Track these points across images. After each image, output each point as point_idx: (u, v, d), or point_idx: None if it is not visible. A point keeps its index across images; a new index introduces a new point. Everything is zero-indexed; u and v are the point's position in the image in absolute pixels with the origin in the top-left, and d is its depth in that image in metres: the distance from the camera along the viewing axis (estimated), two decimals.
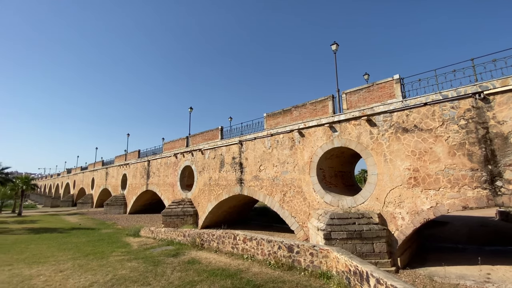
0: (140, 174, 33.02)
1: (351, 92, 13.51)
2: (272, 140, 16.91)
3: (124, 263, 10.65)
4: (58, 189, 67.48)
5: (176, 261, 10.66)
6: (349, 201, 12.60)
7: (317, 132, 14.42)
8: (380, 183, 11.74)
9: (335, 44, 15.71)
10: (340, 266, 7.85)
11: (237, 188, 18.76)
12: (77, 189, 55.49)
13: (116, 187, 38.97)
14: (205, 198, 21.60)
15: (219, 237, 12.39)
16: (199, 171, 22.93)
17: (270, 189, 16.51)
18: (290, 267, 9.04)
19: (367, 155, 12.32)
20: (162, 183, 28.26)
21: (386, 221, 11.26)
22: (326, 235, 10.57)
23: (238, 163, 19.06)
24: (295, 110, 16.11)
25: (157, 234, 16.73)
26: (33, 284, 8.33)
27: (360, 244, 10.50)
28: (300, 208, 14.63)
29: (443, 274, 9.78)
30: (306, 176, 14.57)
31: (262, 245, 10.36)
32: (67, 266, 10.44)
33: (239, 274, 8.69)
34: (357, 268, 6.97)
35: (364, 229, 10.64)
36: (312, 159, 14.40)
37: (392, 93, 12.06)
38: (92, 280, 8.60)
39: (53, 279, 8.85)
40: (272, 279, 8.12)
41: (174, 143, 27.79)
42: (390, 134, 11.70)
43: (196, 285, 7.95)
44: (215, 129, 22.40)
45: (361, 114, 12.58)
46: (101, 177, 44.80)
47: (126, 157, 37.95)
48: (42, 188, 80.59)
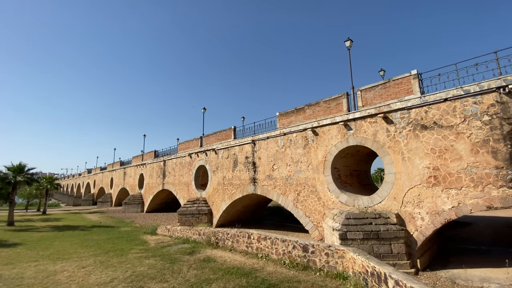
0: (156, 173, 33.83)
1: (367, 89, 13.19)
2: (285, 139, 16.82)
3: (142, 260, 10.96)
4: (80, 189, 70.39)
5: (192, 259, 10.84)
6: (365, 200, 12.32)
7: (331, 131, 14.20)
8: (397, 182, 11.41)
9: (349, 41, 15.40)
10: (356, 267, 7.70)
11: (251, 187, 18.82)
12: (97, 189, 57.67)
13: (133, 187, 40.16)
14: (219, 197, 21.83)
15: (234, 236, 12.48)
16: (213, 170, 23.19)
17: (283, 189, 16.44)
18: (305, 267, 8.97)
19: (384, 154, 12.00)
20: (177, 183, 28.83)
21: (405, 221, 10.92)
22: (342, 235, 10.39)
23: (251, 163, 19.11)
24: (308, 109, 15.94)
25: (173, 232, 17.09)
26: (58, 280, 8.74)
27: (377, 245, 10.25)
28: (314, 207, 14.47)
29: (465, 276, 9.37)
30: (320, 175, 14.39)
31: (277, 244, 10.34)
32: (89, 262, 10.88)
33: (254, 273, 8.72)
34: (375, 269, 6.81)
35: (381, 230, 10.37)
36: (326, 158, 14.20)
37: (409, 89, 11.67)
38: (112, 276, 8.91)
39: (76, 274, 9.24)
40: (287, 279, 8.09)
41: (189, 143, 28.26)
42: (408, 132, 11.34)
43: (212, 283, 8.05)
44: (228, 129, 22.57)
45: (377, 112, 12.27)
46: (119, 177, 46.31)
47: (142, 158, 39.00)
48: (64, 188, 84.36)
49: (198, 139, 26.63)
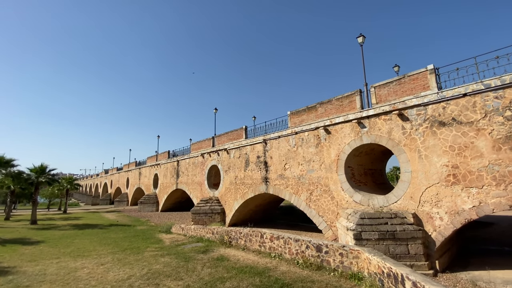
0: (170, 173, 34.49)
1: (380, 85, 12.88)
2: (296, 138, 16.71)
3: (158, 258, 11.22)
4: (98, 188, 72.82)
5: (205, 258, 10.99)
6: (380, 200, 12.05)
7: (344, 129, 13.97)
8: (414, 181, 11.08)
9: (361, 36, 15.09)
10: (372, 268, 7.55)
11: (263, 186, 18.83)
12: (113, 188, 59.47)
13: (148, 186, 41.12)
14: (231, 196, 21.98)
15: (246, 235, 12.54)
16: (225, 170, 23.38)
17: (295, 188, 16.34)
18: (319, 267, 8.88)
19: (400, 152, 11.68)
20: (190, 182, 29.27)
21: (422, 221, 10.60)
22: (356, 235, 10.21)
23: (263, 162, 19.11)
24: (320, 107, 15.75)
25: (187, 231, 17.38)
26: (78, 276, 9.09)
27: (393, 245, 10.00)
28: (327, 207, 14.30)
29: (487, 278, 8.98)
30: (333, 174, 14.20)
31: (290, 244, 10.30)
32: (107, 259, 11.25)
33: (267, 272, 8.73)
34: (391, 270, 6.65)
35: (397, 230, 10.11)
36: (340, 157, 13.99)
37: (426, 85, 11.29)
38: (129, 273, 9.18)
39: (95, 271, 9.58)
40: (301, 279, 8.04)
41: (201, 144, 28.62)
42: (425, 129, 10.98)
43: (226, 281, 8.13)
44: (239, 129, 22.67)
45: (392, 108, 11.96)
46: (134, 177, 47.55)
47: (157, 158, 39.86)
48: (83, 188, 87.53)
49: (210, 139, 26.92)
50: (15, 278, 8.91)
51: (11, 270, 9.83)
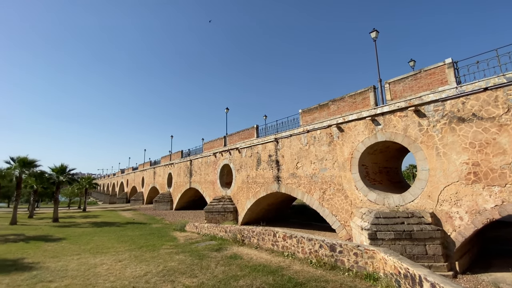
0: (184, 172, 35.07)
1: (395, 81, 12.53)
2: (308, 137, 16.55)
3: (173, 255, 11.46)
4: (114, 188, 75.15)
5: (219, 256, 11.12)
6: (396, 199, 11.75)
7: (358, 126, 13.71)
8: (432, 179, 10.72)
9: (375, 31, 14.72)
10: (388, 268, 7.39)
11: (274, 185, 18.79)
12: (129, 188, 61.18)
13: (163, 185, 42.00)
14: (243, 195, 22.09)
15: (259, 234, 12.57)
16: (237, 169, 23.51)
17: (308, 187, 16.20)
18: (332, 267, 8.79)
19: (416, 149, 11.33)
20: (203, 181, 29.65)
21: (441, 221, 10.25)
22: (371, 235, 10.01)
23: (275, 161, 19.07)
24: (332, 104, 15.52)
25: (200, 229, 17.63)
26: (98, 272, 9.43)
27: (410, 246, 9.73)
28: (341, 206, 14.10)
29: (510, 280, 8.58)
30: (347, 173, 13.97)
31: (303, 243, 10.25)
32: (125, 256, 11.60)
33: (280, 271, 8.73)
34: (408, 271, 6.48)
35: (414, 229, 9.83)
36: (353, 155, 13.74)
37: (443, 80, 10.88)
38: (146, 270, 9.43)
39: (114, 267, 9.91)
40: (314, 278, 7.99)
41: (213, 143, 28.91)
42: (443, 125, 10.59)
43: (239, 279, 8.19)
44: (250, 128, 22.72)
45: (408, 105, 11.60)
46: (149, 176, 48.70)
47: (170, 157, 40.63)
48: (101, 187, 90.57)
49: (222, 138, 27.14)
50: (39, 273, 9.35)
51: (35, 266, 10.33)
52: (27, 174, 26.66)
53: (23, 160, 25.56)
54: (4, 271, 9.54)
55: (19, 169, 25.52)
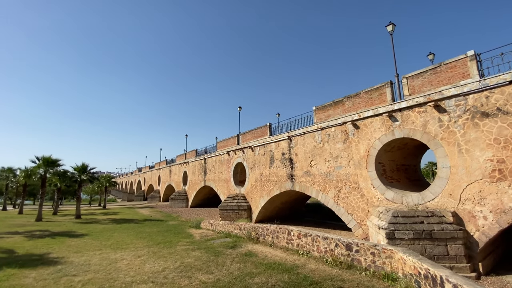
0: (198, 171, 35.63)
1: (413, 75, 12.11)
2: (323, 134, 16.34)
3: (189, 252, 11.70)
4: (132, 186, 77.55)
5: (234, 253, 11.23)
6: (415, 197, 11.40)
7: (374, 123, 13.38)
8: (453, 177, 10.31)
9: (391, 25, 14.27)
10: (407, 268, 7.20)
11: (288, 184, 18.72)
12: (146, 186, 62.92)
13: (178, 183, 42.89)
14: (257, 193, 22.16)
15: (274, 232, 12.58)
16: (250, 167, 23.60)
17: (323, 185, 16.02)
18: (349, 266, 8.66)
19: (436, 146, 10.92)
20: (217, 179, 30.00)
21: (463, 220, 9.85)
22: (389, 234, 9.78)
23: (288, 159, 18.98)
24: (347, 101, 15.22)
25: (215, 226, 17.87)
26: (118, 267, 9.79)
27: (430, 246, 9.43)
28: (357, 205, 13.84)
29: None
30: (363, 171, 13.69)
31: (318, 241, 10.16)
32: (143, 252, 11.98)
33: (295, 269, 8.71)
34: (429, 272, 6.28)
35: (435, 229, 9.51)
36: (370, 153, 13.43)
37: (465, 73, 10.40)
38: (164, 266, 9.69)
39: (133, 263, 10.25)
40: (331, 277, 7.91)
41: (226, 142, 29.15)
42: (465, 121, 10.14)
43: (255, 277, 8.25)
44: (263, 126, 22.71)
45: (427, 100, 11.19)
46: (165, 175, 49.85)
47: (185, 156, 41.38)
48: (120, 185, 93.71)
49: (235, 137, 27.31)
50: (64, 267, 9.82)
51: (60, 260, 10.86)
52: (51, 173, 28.02)
53: (47, 159, 26.86)
54: (31, 265, 10.10)
55: (43, 168, 26.87)
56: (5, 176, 40.06)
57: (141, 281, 8.14)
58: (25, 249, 12.96)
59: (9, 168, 39.83)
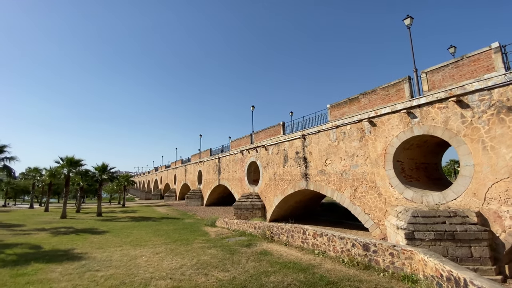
0: (213, 170, 36.08)
1: (433, 70, 11.64)
2: (337, 132, 16.06)
3: (205, 250, 11.89)
4: (149, 184, 79.72)
5: (249, 251, 11.31)
6: (436, 197, 10.98)
7: (392, 120, 13.00)
8: (477, 176, 9.83)
9: (409, 18, 13.78)
10: (428, 270, 6.96)
11: (302, 183, 18.57)
12: (163, 184, 64.47)
13: (193, 182, 43.64)
14: (271, 192, 22.14)
15: (288, 231, 12.54)
16: (263, 166, 23.61)
17: (338, 184, 15.77)
18: (366, 267, 8.49)
19: (459, 143, 10.46)
20: (231, 178, 30.25)
21: (488, 221, 9.39)
22: (408, 234, 9.49)
23: (302, 158, 18.82)
24: (363, 98, 14.88)
25: (230, 225, 18.05)
26: (138, 263, 10.12)
27: (453, 247, 9.06)
28: (374, 204, 13.53)
29: None
30: (380, 169, 13.35)
31: (334, 241, 10.03)
32: (161, 249, 12.30)
33: (311, 269, 8.65)
34: (451, 274, 6.05)
35: (457, 230, 9.13)
36: (387, 151, 13.07)
37: (490, 66, 9.88)
38: (181, 263, 9.92)
39: (152, 259, 10.56)
40: (347, 277, 7.79)
41: (240, 141, 29.31)
42: (490, 116, 9.64)
43: (270, 275, 8.27)
44: (276, 125, 22.63)
45: (448, 95, 10.73)
46: (181, 174, 50.87)
47: (200, 156, 42.02)
48: (137, 184, 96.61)
49: (248, 136, 27.41)
50: (87, 263, 10.27)
51: (83, 256, 11.36)
52: (74, 172, 29.32)
53: (70, 159, 28.13)
54: (57, 261, 10.63)
55: (67, 168, 28.16)
56: (31, 176, 42.39)
57: (159, 277, 8.37)
58: (51, 245, 13.66)
59: (36, 168, 42.10)
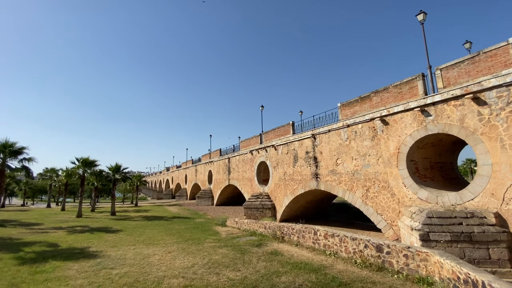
0: (222, 170, 36.32)
1: (448, 66, 11.31)
2: (349, 131, 15.84)
3: (216, 249, 11.99)
4: (161, 184, 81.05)
5: (260, 251, 11.31)
6: (452, 197, 10.66)
7: (405, 118, 12.71)
8: (496, 175, 9.48)
9: (422, 13, 13.43)
10: (444, 272, 6.77)
11: (313, 183, 18.41)
12: (174, 184, 65.41)
13: (204, 182, 44.05)
14: (281, 192, 22.08)
15: (299, 231, 12.47)
16: (273, 166, 23.56)
17: (350, 184, 15.55)
18: (379, 268, 8.34)
19: (476, 142, 10.11)
20: (241, 178, 30.35)
21: (507, 222, 9.04)
22: (423, 236, 9.26)
23: (312, 158, 18.66)
24: (375, 96, 14.61)
25: (240, 225, 18.12)
26: (151, 262, 10.31)
27: (470, 249, 8.79)
28: (387, 204, 13.26)
29: None
30: (393, 169, 13.08)
31: (346, 242, 9.89)
32: (173, 248, 12.49)
33: (323, 270, 8.57)
34: (469, 276, 5.86)
35: (475, 231, 8.84)
36: (400, 150, 12.79)
37: (507, 61, 9.51)
38: (193, 262, 10.03)
39: (164, 258, 10.74)
40: (360, 279, 7.67)
41: (249, 141, 29.36)
42: (509, 113, 9.27)
43: (281, 275, 8.25)
44: (286, 124, 22.54)
45: (464, 92, 10.40)
46: (191, 174, 51.46)
47: (210, 156, 42.39)
48: (149, 184, 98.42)
49: (258, 136, 27.42)
50: (102, 261, 10.54)
51: (99, 254, 11.67)
52: (89, 173, 30.17)
53: (85, 160, 28.97)
54: (73, 258, 10.97)
55: (82, 168, 29.01)
56: (49, 176, 43.93)
57: (172, 276, 8.49)
58: (68, 243, 14.11)
59: (53, 169, 43.61)
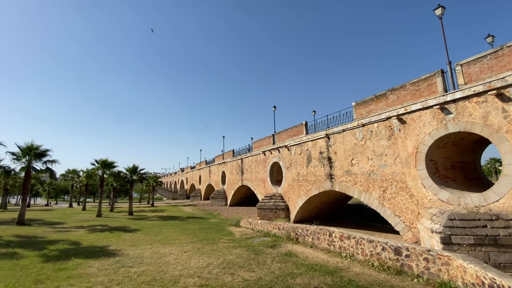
0: (236, 171, 36.52)
1: (470, 62, 10.82)
2: (364, 131, 15.49)
3: (231, 249, 12.06)
4: (176, 185, 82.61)
5: (274, 252, 11.27)
6: (475, 198, 10.17)
7: (423, 117, 12.27)
8: None
9: (440, 8, 12.94)
10: (468, 277, 6.47)
11: (327, 183, 18.14)
12: (189, 185, 66.48)
13: (217, 183, 44.48)
14: (294, 193, 21.90)
15: (314, 233, 12.32)
16: (286, 167, 23.42)
17: (365, 185, 15.19)
18: (398, 272, 8.08)
19: (501, 140, 9.60)
20: (254, 179, 30.39)
21: None
22: (444, 238, 8.89)
23: (326, 158, 18.39)
24: (391, 94, 14.21)
25: (254, 225, 18.13)
26: (167, 261, 10.51)
27: (495, 253, 8.34)
28: (405, 206, 12.84)
29: None
30: (411, 169, 12.65)
31: (362, 244, 9.67)
32: (189, 248, 12.68)
33: (338, 272, 8.41)
34: (495, 281, 5.57)
35: (500, 234, 8.38)
36: (419, 149, 12.36)
37: None
38: (208, 261, 10.14)
39: (180, 257, 10.92)
40: (378, 282, 7.47)
41: (262, 142, 29.36)
42: None
43: (296, 277, 8.17)
44: (299, 124, 22.35)
45: (487, 88, 9.90)
46: (205, 175, 52.11)
47: (223, 157, 42.76)
48: (165, 184, 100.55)
49: (271, 136, 27.36)
50: (121, 259, 10.86)
51: (118, 253, 12.03)
52: (108, 174, 31.23)
53: (104, 161, 30.00)
54: (94, 256, 11.37)
55: (101, 169, 30.07)
56: (71, 177, 45.85)
57: (188, 275, 8.62)
58: (88, 242, 14.65)
59: (74, 170, 45.48)
